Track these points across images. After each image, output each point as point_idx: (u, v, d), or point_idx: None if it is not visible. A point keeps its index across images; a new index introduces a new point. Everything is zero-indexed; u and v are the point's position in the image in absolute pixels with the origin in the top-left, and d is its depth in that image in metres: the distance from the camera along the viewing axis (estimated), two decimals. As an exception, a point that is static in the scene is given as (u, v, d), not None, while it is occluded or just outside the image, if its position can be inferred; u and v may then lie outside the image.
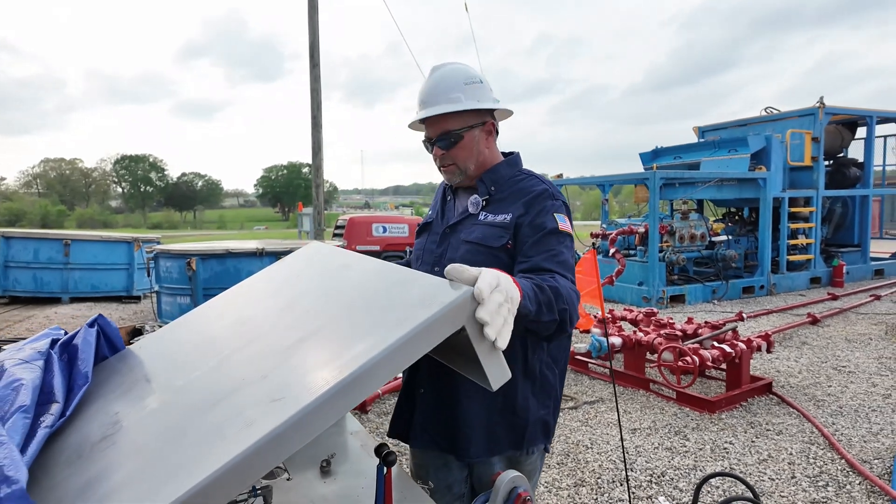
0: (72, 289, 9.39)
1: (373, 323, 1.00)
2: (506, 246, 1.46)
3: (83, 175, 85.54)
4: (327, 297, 1.25)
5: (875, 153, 10.65)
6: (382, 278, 1.20)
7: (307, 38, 10.96)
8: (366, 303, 1.11)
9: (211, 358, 1.16)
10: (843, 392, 4.43)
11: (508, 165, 1.59)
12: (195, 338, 1.37)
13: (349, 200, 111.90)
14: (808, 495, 2.88)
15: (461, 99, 1.50)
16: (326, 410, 0.83)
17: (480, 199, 1.54)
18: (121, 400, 1.14)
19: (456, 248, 1.53)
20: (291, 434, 0.80)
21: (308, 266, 1.54)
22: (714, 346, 4.29)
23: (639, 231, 8.93)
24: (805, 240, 9.89)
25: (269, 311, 1.32)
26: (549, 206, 1.47)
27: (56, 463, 1.00)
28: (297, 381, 0.91)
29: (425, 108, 1.52)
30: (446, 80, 1.53)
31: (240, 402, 0.91)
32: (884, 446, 3.43)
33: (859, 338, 6.15)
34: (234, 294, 1.59)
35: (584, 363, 5.11)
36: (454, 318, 0.93)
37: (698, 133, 11.92)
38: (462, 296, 0.93)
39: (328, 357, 0.95)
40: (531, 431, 1.50)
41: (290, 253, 1.63)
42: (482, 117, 1.55)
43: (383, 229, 12.36)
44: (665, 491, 2.96)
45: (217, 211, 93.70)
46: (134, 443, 0.96)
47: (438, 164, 1.57)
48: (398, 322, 0.94)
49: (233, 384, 0.99)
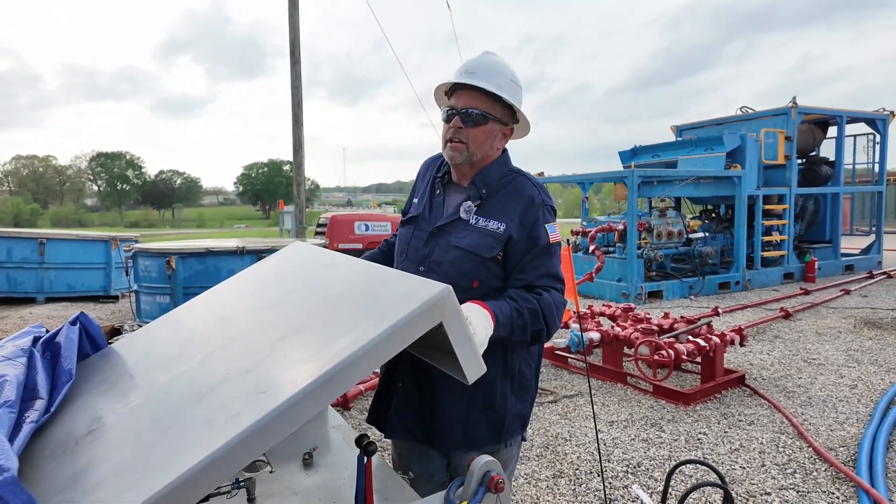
0: (47, 289, 9.22)
1: (355, 319, 1.04)
2: (496, 257, 1.49)
3: (57, 173, 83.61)
4: (310, 295, 1.29)
5: (845, 152, 10.94)
6: (364, 277, 1.24)
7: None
8: (348, 300, 1.15)
9: (195, 354, 1.18)
10: (812, 383, 4.58)
11: (499, 166, 1.59)
12: (179, 335, 1.39)
13: (331, 198, 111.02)
14: (777, 482, 2.99)
15: (506, 90, 1.52)
16: (310, 401, 0.87)
17: (473, 204, 1.54)
18: (106, 395, 1.17)
19: (445, 251, 1.53)
20: (277, 424, 0.84)
21: (290, 265, 1.57)
22: (689, 341, 4.40)
23: (618, 228, 9.07)
24: (779, 236, 10.13)
25: (252, 308, 1.35)
26: (542, 216, 1.52)
27: (41, 456, 1.02)
28: (282, 375, 0.95)
29: (473, 78, 1.49)
30: (500, 66, 1.53)
31: (225, 395, 0.94)
32: (849, 434, 3.57)
33: (829, 331, 6.35)
34: (216, 293, 1.61)
35: (564, 358, 5.19)
36: (433, 314, 0.98)
37: (676, 132, 12.12)
38: (440, 293, 0.98)
39: (312, 352, 0.99)
40: (509, 426, 1.54)
41: (271, 252, 1.66)
42: (508, 119, 1.57)
43: (366, 227, 12.34)
44: (641, 480, 3.04)
45: (196, 209, 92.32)
46: (120, 436, 0.99)
47: (449, 136, 1.53)
48: (379, 318, 0.98)
49: (217, 378, 1.02)
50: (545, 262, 1.50)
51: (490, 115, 1.51)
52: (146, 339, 1.48)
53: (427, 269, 1.54)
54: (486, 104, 1.51)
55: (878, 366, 5.00)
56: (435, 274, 1.52)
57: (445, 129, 1.55)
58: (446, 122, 1.55)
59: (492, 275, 1.51)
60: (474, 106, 1.50)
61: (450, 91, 1.57)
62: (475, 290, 1.49)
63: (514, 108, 1.56)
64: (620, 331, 4.73)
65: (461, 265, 1.50)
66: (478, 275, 1.49)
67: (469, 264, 1.49)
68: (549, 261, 1.51)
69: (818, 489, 2.90)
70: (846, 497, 2.82)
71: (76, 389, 1.23)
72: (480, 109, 1.50)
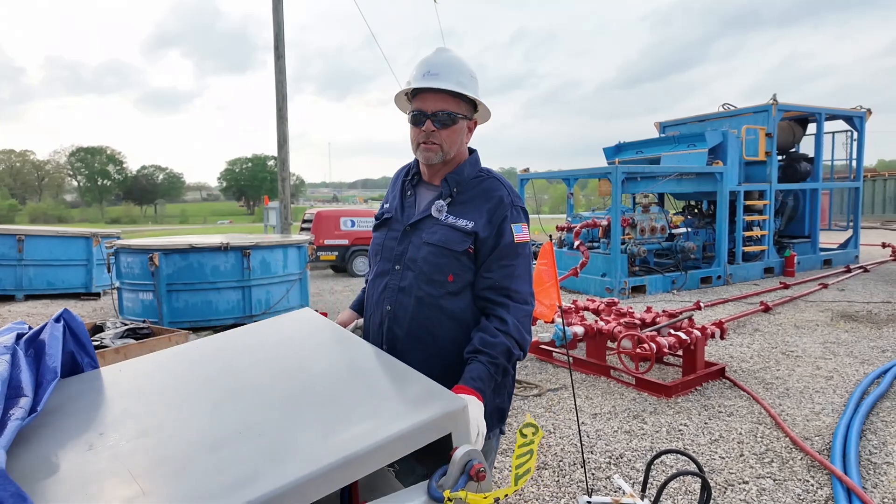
0: (26, 286, 9.08)
1: (371, 408, 1.03)
2: (467, 250, 1.53)
3: (35, 168, 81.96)
4: (328, 369, 1.28)
5: (824, 148, 11.14)
6: (380, 363, 1.27)
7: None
8: (363, 384, 1.16)
9: (204, 399, 1.16)
10: (790, 375, 4.68)
11: (471, 165, 1.63)
12: (183, 374, 1.37)
13: (317, 194, 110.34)
14: (755, 471, 3.06)
15: (468, 87, 1.53)
16: (321, 483, 0.86)
17: (444, 202, 1.57)
18: (112, 423, 1.14)
19: (418, 247, 1.56)
20: (290, 497, 0.84)
21: (299, 331, 1.59)
22: (671, 334, 4.48)
23: (602, 224, 9.16)
24: (759, 231, 10.30)
25: (263, 367, 1.35)
26: (509, 216, 1.54)
27: (31, 457, 1.01)
28: (297, 447, 0.93)
29: (437, 80, 1.51)
30: (459, 63, 1.55)
31: (240, 453, 0.93)
32: (824, 424, 3.67)
33: (807, 324, 6.49)
34: (224, 341, 1.60)
35: (549, 352, 5.25)
36: (443, 425, 0.98)
37: (659, 128, 12.24)
38: (455, 407, 0.98)
39: (326, 429, 0.98)
40: (487, 418, 1.56)
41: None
42: (471, 113, 1.60)
43: (352, 223, 12.29)
44: (623, 471, 3.10)
45: (179, 205, 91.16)
46: (131, 468, 0.95)
47: (422, 139, 1.55)
48: (395, 416, 0.99)
49: (231, 432, 1.00)
50: (512, 263, 1.53)
51: (458, 114, 1.54)
52: (150, 370, 1.45)
53: (403, 266, 1.57)
54: (452, 104, 1.53)
55: (853, 357, 5.13)
56: (411, 271, 1.54)
57: (416, 132, 1.56)
58: (416, 126, 1.56)
59: (465, 269, 1.53)
60: (441, 108, 1.52)
61: (412, 93, 1.58)
62: (450, 283, 1.52)
63: (477, 102, 1.59)
64: (604, 325, 4.80)
65: (434, 260, 1.52)
66: (452, 269, 1.52)
67: (442, 259, 1.52)
68: (516, 261, 1.54)
69: (794, 477, 2.99)
70: (821, 484, 2.90)
71: (77, 413, 1.19)
72: (449, 111, 1.53)
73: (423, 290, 1.53)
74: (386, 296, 1.59)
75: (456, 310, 1.54)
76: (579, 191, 21.01)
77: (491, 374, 1.44)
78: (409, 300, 1.55)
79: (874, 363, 4.93)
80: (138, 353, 4.18)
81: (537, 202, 13.35)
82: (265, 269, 6.92)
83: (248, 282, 6.75)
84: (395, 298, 1.57)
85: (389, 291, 1.59)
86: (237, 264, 6.70)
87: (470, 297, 1.56)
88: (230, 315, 6.69)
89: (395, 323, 1.57)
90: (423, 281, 1.54)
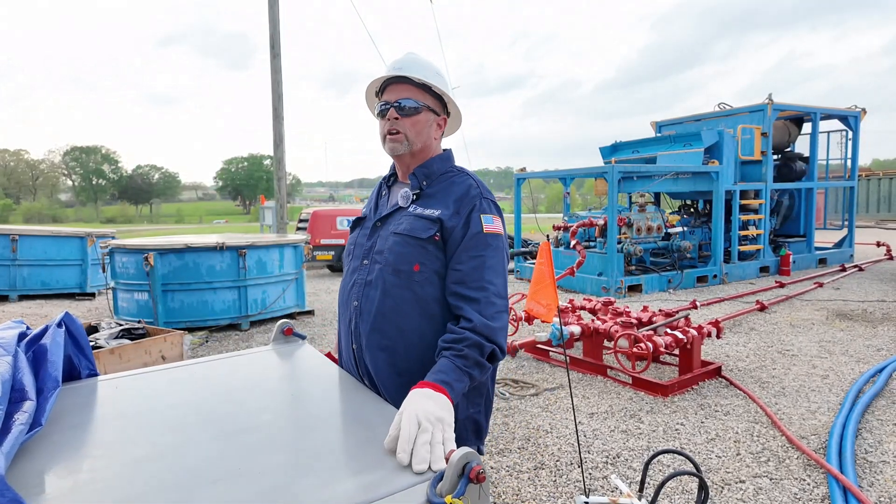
0: (20, 286, 9.04)
1: (373, 459, 1.03)
2: (433, 237, 1.48)
3: (29, 167, 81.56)
4: (329, 416, 1.28)
5: (819, 148, 11.18)
6: (378, 412, 1.26)
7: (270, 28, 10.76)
8: (365, 433, 1.15)
9: (205, 431, 1.16)
10: (786, 374, 4.71)
11: (441, 161, 1.61)
12: (184, 401, 1.36)
13: (313, 193, 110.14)
14: (751, 470, 3.08)
15: (433, 80, 1.57)
16: None
17: (411, 192, 1.56)
18: (111, 443, 1.12)
19: (385, 239, 1.54)
20: None
21: (301, 369, 1.60)
22: (667, 333, 4.49)
23: (598, 223, 9.18)
24: (755, 231, 10.34)
25: (265, 403, 1.34)
26: (478, 206, 1.51)
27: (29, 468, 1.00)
28: (297, 493, 0.93)
29: (401, 72, 1.55)
30: (425, 62, 1.60)
31: (241, 490, 0.93)
32: (820, 423, 3.69)
33: (803, 323, 6.52)
34: (225, 367, 1.60)
35: (545, 352, 5.26)
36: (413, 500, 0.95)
37: (655, 128, 12.27)
38: (426, 485, 0.95)
39: (328, 478, 0.97)
40: (459, 430, 1.46)
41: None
42: (440, 110, 1.62)
43: (348, 223, 12.28)
44: (620, 471, 3.11)
45: (174, 204, 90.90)
46: (129, 493, 0.94)
47: (387, 129, 1.56)
48: (396, 468, 0.99)
49: (231, 467, 1.01)
50: (482, 253, 1.47)
51: (422, 104, 1.56)
52: (151, 389, 1.44)
53: (371, 260, 1.54)
54: (417, 94, 1.56)
55: (849, 356, 5.16)
56: (378, 264, 1.51)
57: (382, 124, 1.58)
58: (381, 117, 1.59)
59: (432, 257, 1.48)
60: (405, 97, 1.55)
61: (380, 91, 1.62)
62: (417, 273, 1.47)
63: (445, 101, 1.62)
64: (600, 324, 4.81)
65: (400, 250, 1.49)
66: (418, 258, 1.48)
67: (408, 248, 1.48)
68: (486, 251, 1.47)
69: (790, 476, 3.00)
70: (817, 483, 2.92)
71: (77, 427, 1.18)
72: (412, 98, 1.55)
73: (388, 280, 1.49)
74: (353, 292, 1.56)
75: (423, 302, 1.48)
76: (576, 190, 21.07)
77: (457, 366, 1.32)
78: (376, 293, 1.50)
79: (869, 362, 4.96)
80: (133, 353, 4.16)
81: (534, 201, 13.33)
82: (261, 269, 6.91)
83: (244, 282, 6.73)
84: (361, 293, 1.54)
85: (356, 287, 1.55)
86: (233, 264, 6.68)
87: (440, 290, 1.49)
88: (226, 315, 6.68)
89: (360, 319, 1.53)
90: (388, 272, 1.49)
